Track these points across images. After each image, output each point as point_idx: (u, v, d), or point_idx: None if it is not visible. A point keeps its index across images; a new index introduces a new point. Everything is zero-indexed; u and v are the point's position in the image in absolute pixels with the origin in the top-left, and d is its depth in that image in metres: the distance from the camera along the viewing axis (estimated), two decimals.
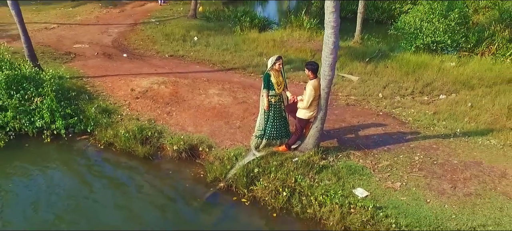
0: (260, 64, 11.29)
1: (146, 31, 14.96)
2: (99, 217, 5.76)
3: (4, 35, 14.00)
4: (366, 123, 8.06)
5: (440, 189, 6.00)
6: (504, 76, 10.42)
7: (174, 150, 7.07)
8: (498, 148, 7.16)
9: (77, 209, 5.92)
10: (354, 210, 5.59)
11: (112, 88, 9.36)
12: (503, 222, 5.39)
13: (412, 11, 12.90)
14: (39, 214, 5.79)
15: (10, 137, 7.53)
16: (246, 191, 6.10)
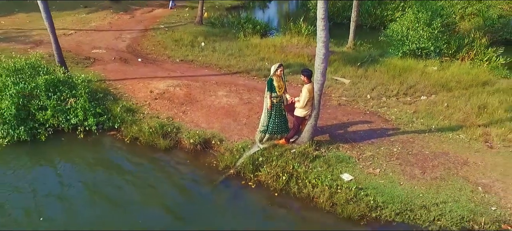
0: (262, 68, 12.57)
1: (157, 37, 16.24)
2: (132, 194, 7.05)
3: (27, 41, 15.25)
4: (355, 120, 9.35)
5: (412, 174, 7.29)
6: (480, 79, 11.71)
7: (191, 143, 8.36)
8: (465, 142, 8.45)
9: (115, 188, 7.20)
10: (340, 190, 6.87)
11: (133, 90, 10.65)
12: (461, 200, 6.68)
13: (399, 19, 14.18)
14: (85, 192, 7.08)
15: (49, 133, 8.82)
16: (252, 176, 7.39)
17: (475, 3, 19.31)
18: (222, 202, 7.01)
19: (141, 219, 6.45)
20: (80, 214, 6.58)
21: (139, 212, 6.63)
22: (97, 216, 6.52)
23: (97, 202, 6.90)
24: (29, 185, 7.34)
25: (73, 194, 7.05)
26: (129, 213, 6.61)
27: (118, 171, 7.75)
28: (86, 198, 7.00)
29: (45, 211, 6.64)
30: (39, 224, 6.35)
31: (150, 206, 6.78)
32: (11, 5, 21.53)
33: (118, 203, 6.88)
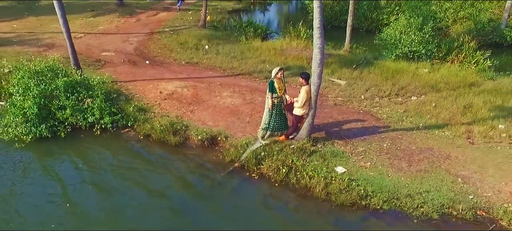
0: (264, 70, 13.36)
1: (163, 40, 17.03)
2: (147, 183, 7.85)
3: (40, 44, 16.03)
4: (349, 119, 10.15)
5: (399, 167, 8.09)
6: (467, 81, 12.52)
7: (199, 139, 9.16)
8: (449, 138, 9.25)
9: (130, 179, 7.99)
10: (334, 181, 7.66)
11: (143, 91, 11.44)
12: (442, 189, 7.47)
13: (393, 24, 14.97)
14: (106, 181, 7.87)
15: (68, 130, 9.62)
16: (255, 169, 8.19)
17: (467, 7, 20.10)
18: (229, 190, 7.80)
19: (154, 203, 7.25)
20: (101, 200, 7.39)
21: (155, 197, 7.44)
22: (117, 202, 7.32)
23: (118, 189, 7.70)
24: (53, 176, 8.16)
25: (95, 182, 7.86)
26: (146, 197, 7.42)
27: (134, 163, 8.55)
28: (107, 186, 7.80)
29: (71, 198, 7.44)
30: (67, 209, 7.15)
31: (165, 192, 7.59)
32: (21, 9, 22.31)
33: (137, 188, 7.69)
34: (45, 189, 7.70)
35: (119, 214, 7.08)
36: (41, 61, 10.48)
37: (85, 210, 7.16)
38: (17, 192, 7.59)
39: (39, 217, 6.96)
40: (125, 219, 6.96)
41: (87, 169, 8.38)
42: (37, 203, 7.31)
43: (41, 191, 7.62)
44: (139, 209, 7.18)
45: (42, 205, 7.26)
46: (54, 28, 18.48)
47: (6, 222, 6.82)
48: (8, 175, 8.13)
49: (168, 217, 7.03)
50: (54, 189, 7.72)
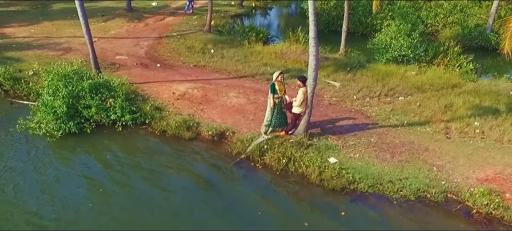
0: (265, 73, 14.61)
1: (171, 44, 18.28)
2: (165, 172, 9.12)
3: (58, 48, 17.28)
4: (342, 117, 11.41)
5: (383, 158, 9.36)
6: (450, 82, 13.78)
7: (209, 134, 10.43)
8: (429, 133, 10.52)
9: (150, 169, 9.26)
10: (327, 170, 8.93)
11: (157, 91, 12.71)
12: (419, 176, 8.74)
13: (384, 30, 16.23)
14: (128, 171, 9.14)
15: (92, 127, 10.88)
16: (259, 159, 9.46)
17: (456, 13, 21.36)
18: (236, 178, 9.08)
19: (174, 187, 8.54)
20: (128, 186, 8.67)
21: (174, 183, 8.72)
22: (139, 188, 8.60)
23: (139, 177, 8.97)
24: (82, 167, 9.43)
25: (119, 171, 9.14)
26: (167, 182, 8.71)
27: (153, 155, 9.82)
28: (130, 174, 9.08)
29: (102, 185, 8.71)
30: (100, 193, 8.42)
31: (182, 180, 8.86)
32: (35, 13, 23.53)
33: (156, 175, 8.96)
34: (77, 177, 8.99)
35: (141, 197, 8.34)
36: (67, 65, 11.76)
37: (112, 193, 8.44)
38: (54, 180, 8.87)
39: (74, 201, 8.23)
40: (147, 200, 8.22)
41: (112, 160, 9.65)
42: (71, 189, 8.58)
43: (73, 179, 8.90)
44: (158, 194, 8.46)
45: (76, 190, 8.54)
46: (68, 32, 19.76)
47: (50, 205, 8.09)
48: (44, 165, 9.40)
49: (183, 202, 8.30)
50: (84, 178, 8.99)
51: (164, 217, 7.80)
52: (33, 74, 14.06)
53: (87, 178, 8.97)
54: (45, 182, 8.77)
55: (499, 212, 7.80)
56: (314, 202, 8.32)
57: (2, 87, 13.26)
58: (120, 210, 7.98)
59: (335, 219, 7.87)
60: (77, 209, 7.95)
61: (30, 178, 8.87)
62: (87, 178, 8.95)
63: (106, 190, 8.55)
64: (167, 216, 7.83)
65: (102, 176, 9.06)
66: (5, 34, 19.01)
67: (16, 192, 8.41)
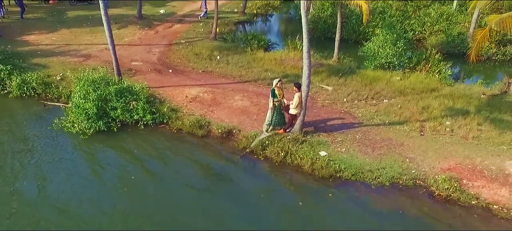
0: (266, 78, 16.41)
1: (180, 51, 20.08)
2: (181, 163, 10.95)
3: (78, 54, 19.08)
4: (332, 117, 13.23)
5: (365, 151, 11.18)
6: (430, 87, 15.56)
7: (219, 132, 12.25)
8: (406, 131, 12.33)
9: (169, 161, 11.09)
10: (318, 161, 10.73)
11: (172, 95, 14.53)
12: (394, 167, 10.53)
13: (373, 39, 18.03)
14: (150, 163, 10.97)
15: (118, 125, 12.70)
16: (261, 153, 11.27)
17: (442, 21, 23.15)
18: (242, 168, 10.91)
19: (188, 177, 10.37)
20: (153, 173, 10.51)
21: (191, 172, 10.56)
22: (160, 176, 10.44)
23: (160, 167, 10.81)
24: (113, 158, 11.26)
25: (142, 163, 10.97)
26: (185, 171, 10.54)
27: (171, 149, 11.66)
28: (152, 165, 10.92)
29: (133, 173, 10.55)
30: (130, 181, 10.25)
31: (197, 169, 10.70)
32: (53, 21, 25.28)
33: (175, 166, 10.79)
34: (109, 167, 10.84)
35: (164, 181, 10.18)
36: (95, 72, 13.60)
37: (141, 179, 10.28)
38: (89, 170, 10.71)
39: (111, 186, 10.06)
40: (169, 184, 10.05)
41: (137, 153, 11.49)
42: (107, 177, 10.43)
43: (106, 169, 10.74)
44: (178, 180, 10.29)
45: (111, 178, 10.39)
46: (86, 40, 21.57)
47: (86, 189, 9.92)
48: (80, 158, 11.25)
49: (198, 186, 10.13)
50: (116, 167, 10.84)
51: (184, 198, 9.63)
52: (61, 79, 15.90)
53: (118, 167, 10.83)
54: (82, 172, 10.62)
55: (456, 195, 9.62)
56: (307, 187, 10.15)
57: (35, 91, 15.09)
58: (149, 191, 9.82)
59: (323, 199, 9.70)
60: (115, 192, 9.79)
61: (69, 168, 10.72)
62: (118, 167, 10.81)
63: (137, 177, 10.39)
64: (186, 197, 9.66)
65: (131, 166, 10.91)
66: (29, 41, 20.81)
67: (59, 182, 10.25)
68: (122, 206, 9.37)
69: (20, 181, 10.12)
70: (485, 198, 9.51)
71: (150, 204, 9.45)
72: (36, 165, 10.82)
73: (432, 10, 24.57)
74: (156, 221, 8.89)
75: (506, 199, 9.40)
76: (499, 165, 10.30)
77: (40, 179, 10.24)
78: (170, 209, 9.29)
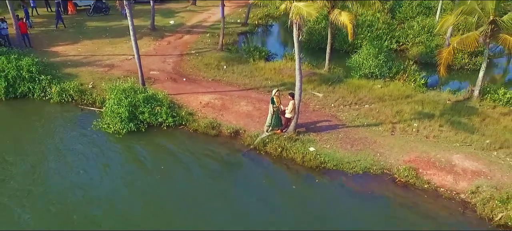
0: (267, 86, 19.22)
1: (192, 61, 22.89)
2: (198, 156, 13.80)
3: (103, 64, 21.91)
4: (321, 120, 16.07)
5: (345, 147, 14.03)
6: (405, 94, 18.39)
7: (228, 132, 15.11)
8: (380, 131, 15.17)
9: (188, 155, 13.94)
10: (307, 155, 13.58)
11: (187, 101, 17.38)
12: (367, 159, 13.38)
13: (358, 52, 20.87)
14: (173, 156, 13.84)
15: (145, 126, 15.55)
16: (262, 148, 14.13)
17: (423, 34, 25.96)
18: (247, 161, 13.77)
19: (204, 167, 13.25)
20: (178, 163, 13.38)
21: (206, 163, 13.43)
22: (186, 164, 13.32)
23: (181, 160, 13.68)
24: (144, 152, 14.13)
25: (167, 156, 13.86)
26: (202, 162, 13.41)
27: (189, 146, 14.52)
28: (175, 158, 13.79)
29: (162, 163, 13.42)
30: (161, 170, 13.12)
31: (211, 161, 13.57)
32: (74, 33, 28.09)
33: (195, 158, 13.67)
34: (143, 158, 13.73)
35: (184, 171, 13.06)
36: (124, 83, 16.47)
37: (169, 168, 13.15)
38: (125, 161, 13.58)
39: (145, 173, 12.94)
40: (189, 171, 12.94)
41: (163, 148, 14.36)
42: (141, 168, 13.30)
43: (140, 160, 13.62)
44: (196, 168, 13.16)
45: (144, 167, 13.27)
46: (108, 51, 24.38)
47: (129, 175, 12.79)
48: (117, 153, 14.12)
49: (212, 174, 13.00)
50: (147, 158, 13.71)
51: (203, 181, 12.53)
52: (92, 87, 18.77)
53: (150, 159, 13.71)
54: (123, 163, 13.49)
55: (413, 180, 12.48)
56: (298, 174, 13.01)
57: (72, 97, 17.96)
58: (176, 177, 12.70)
59: (311, 184, 12.58)
60: (152, 177, 12.68)
61: (111, 160, 13.60)
62: (150, 159, 13.69)
63: (165, 166, 13.27)
64: (205, 181, 12.55)
65: (160, 158, 13.80)
66: (58, 52, 23.65)
67: (99, 173, 13.14)
68: (158, 187, 12.25)
69: (76, 171, 12.99)
70: (435, 183, 12.37)
71: (178, 186, 12.33)
72: (86, 157, 13.69)
73: (415, 23, 27.38)
74: (182, 196, 11.78)
75: (450, 184, 12.26)
76: (447, 158, 13.17)
77: (91, 169, 13.11)
78: (193, 190, 12.16)
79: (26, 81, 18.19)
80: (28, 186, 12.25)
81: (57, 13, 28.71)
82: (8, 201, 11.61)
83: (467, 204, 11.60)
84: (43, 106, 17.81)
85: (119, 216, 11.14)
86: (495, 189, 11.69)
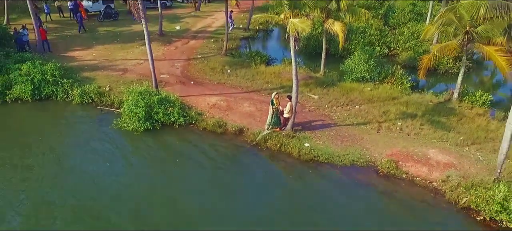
0: (267, 89, 21.20)
1: (198, 66, 24.87)
2: (206, 152, 15.81)
3: (117, 68, 23.90)
4: (316, 119, 18.07)
5: (336, 143, 16.04)
6: (392, 96, 20.36)
7: (233, 130, 17.11)
8: (367, 130, 17.17)
9: (197, 150, 15.94)
10: (303, 149, 15.57)
11: (196, 102, 19.38)
12: (355, 153, 15.38)
13: (351, 57, 22.86)
14: (184, 150, 15.85)
15: (160, 125, 17.55)
16: (264, 144, 16.13)
17: (413, 40, 27.93)
18: (249, 155, 15.78)
19: (213, 159, 15.27)
20: (189, 158, 15.40)
21: (208, 161, 15.44)
22: (197, 156, 15.33)
23: (195, 152, 15.69)
24: (160, 147, 16.14)
25: (180, 150, 15.88)
26: (210, 156, 15.42)
27: (198, 142, 16.52)
28: (185, 152, 15.79)
29: (176, 156, 15.42)
30: (176, 162, 15.12)
31: (218, 155, 15.58)
32: (87, 38, 30.08)
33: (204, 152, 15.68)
34: (159, 151, 15.76)
35: (195, 163, 15.06)
36: (139, 86, 18.48)
37: (182, 160, 15.16)
38: (143, 154, 15.60)
39: (163, 165, 14.95)
40: (199, 164, 14.94)
41: (176, 144, 16.38)
42: (159, 159, 15.32)
43: (156, 154, 15.65)
44: (205, 162, 15.18)
45: (160, 160, 15.29)
46: (120, 55, 26.35)
47: (149, 165, 14.81)
48: (136, 148, 16.14)
49: (219, 166, 15.01)
50: (163, 153, 15.74)
51: (211, 172, 14.53)
52: (109, 89, 20.77)
53: (166, 153, 15.74)
54: (142, 155, 15.51)
55: (393, 171, 14.47)
56: (295, 166, 15.01)
57: (92, 99, 19.96)
58: (189, 167, 14.72)
59: (306, 174, 14.58)
60: (170, 167, 14.69)
61: (132, 153, 15.61)
62: (166, 153, 15.72)
63: (179, 159, 15.28)
64: (213, 172, 14.56)
65: (175, 152, 15.82)
66: (75, 57, 25.66)
67: (123, 164, 15.16)
68: (175, 176, 14.27)
69: (103, 162, 15.00)
70: (412, 173, 14.37)
71: (191, 175, 14.33)
72: (109, 151, 15.70)
73: (406, 29, 29.38)
74: (194, 184, 13.79)
75: (425, 174, 14.26)
76: (424, 152, 15.18)
77: (115, 161, 15.12)
78: (203, 179, 14.16)
79: (50, 84, 20.20)
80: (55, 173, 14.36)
81: (79, 19, 30.77)
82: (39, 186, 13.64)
83: (438, 190, 13.60)
84: (66, 106, 19.82)
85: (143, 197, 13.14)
86: (462, 178, 13.69)
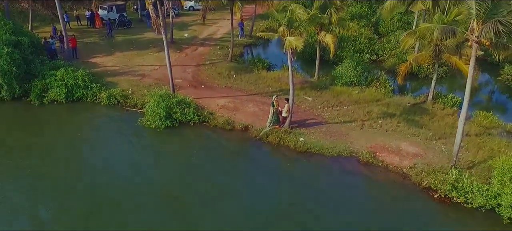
0: (268, 92, 24.43)
1: (207, 71, 28.09)
2: (217, 146, 19.08)
3: (136, 74, 27.12)
4: (309, 118, 21.32)
5: (326, 138, 19.30)
6: (376, 98, 23.55)
7: (239, 127, 20.38)
8: (353, 127, 20.43)
9: (210, 143, 19.22)
10: (298, 143, 18.84)
11: (208, 104, 22.63)
12: (341, 146, 18.65)
13: (341, 64, 26.11)
14: (199, 145, 19.13)
15: (178, 123, 20.81)
16: (266, 139, 19.40)
17: (398, 47, 31.13)
18: (254, 148, 19.05)
19: (222, 154, 18.54)
20: (204, 149, 18.69)
21: (221, 151, 18.72)
22: (211, 149, 18.62)
23: (208, 144, 18.98)
24: (180, 141, 19.43)
25: (196, 144, 19.16)
26: (220, 149, 18.70)
27: (211, 137, 19.80)
28: (201, 146, 19.07)
29: (193, 148, 18.70)
30: (193, 155, 18.40)
31: (227, 148, 18.86)
32: (105, 45, 33.18)
33: (216, 146, 18.97)
34: (178, 145, 19.04)
35: (209, 153, 18.34)
36: (159, 90, 21.77)
37: (198, 153, 18.43)
38: (164, 147, 18.90)
39: (182, 158, 18.23)
40: (212, 155, 18.21)
41: (192, 139, 19.66)
42: (179, 152, 18.61)
43: (179, 148, 18.95)
44: (217, 153, 18.46)
45: (179, 153, 18.58)
46: (138, 62, 29.56)
47: (173, 158, 18.10)
48: (159, 143, 19.42)
49: (227, 156, 18.28)
50: (183, 147, 19.03)
51: (222, 160, 17.81)
52: (132, 92, 24.02)
53: (185, 146, 19.04)
54: (165, 149, 18.80)
55: (371, 160, 17.73)
56: (291, 157, 18.29)
57: (118, 101, 23.22)
58: (204, 158, 18.00)
59: (300, 163, 17.87)
60: (188, 158, 17.97)
61: (157, 147, 18.91)
62: (185, 146, 19.02)
63: (197, 152, 18.55)
64: (224, 160, 17.84)
65: (192, 145, 19.10)
66: (97, 63, 28.86)
67: (148, 155, 18.46)
68: (193, 164, 17.54)
69: (130, 155, 18.27)
70: (387, 162, 17.64)
71: (205, 164, 17.61)
72: (135, 145, 18.97)
73: (393, 37, 32.64)
74: (208, 171, 17.07)
75: (397, 162, 17.54)
76: (397, 145, 18.47)
77: (142, 153, 18.40)
78: (216, 167, 17.43)
79: (81, 88, 23.47)
80: (92, 163, 17.61)
81: (108, 25, 34.11)
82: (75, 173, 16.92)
83: (406, 175, 16.86)
84: (95, 107, 23.10)
85: (171, 181, 16.42)
86: (426, 165, 16.96)
